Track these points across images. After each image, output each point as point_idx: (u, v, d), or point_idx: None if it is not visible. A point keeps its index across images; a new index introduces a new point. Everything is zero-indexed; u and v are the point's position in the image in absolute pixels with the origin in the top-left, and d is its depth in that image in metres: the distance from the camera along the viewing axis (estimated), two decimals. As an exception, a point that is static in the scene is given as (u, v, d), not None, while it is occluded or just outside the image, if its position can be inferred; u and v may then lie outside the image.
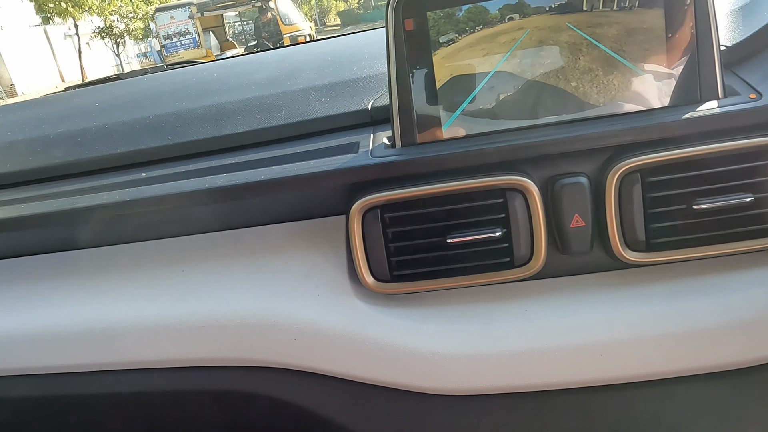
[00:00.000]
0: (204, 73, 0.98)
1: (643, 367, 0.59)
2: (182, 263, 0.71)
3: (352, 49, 0.96)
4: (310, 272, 0.67)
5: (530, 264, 0.62)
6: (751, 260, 0.61)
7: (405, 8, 0.60)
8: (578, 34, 0.59)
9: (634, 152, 0.58)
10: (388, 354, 0.62)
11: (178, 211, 0.70)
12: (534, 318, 0.61)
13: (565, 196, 0.60)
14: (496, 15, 0.60)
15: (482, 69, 0.61)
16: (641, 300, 0.60)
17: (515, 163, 0.61)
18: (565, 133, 0.59)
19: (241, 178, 0.64)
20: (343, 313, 0.63)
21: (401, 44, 0.60)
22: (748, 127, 0.57)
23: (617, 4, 0.58)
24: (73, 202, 0.68)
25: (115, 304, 0.69)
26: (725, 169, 0.58)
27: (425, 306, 0.64)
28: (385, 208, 0.62)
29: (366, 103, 0.73)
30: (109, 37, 17.41)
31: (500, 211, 0.61)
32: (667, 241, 0.60)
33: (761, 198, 0.58)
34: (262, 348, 0.65)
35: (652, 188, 0.59)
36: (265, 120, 0.75)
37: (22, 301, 0.72)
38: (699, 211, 0.58)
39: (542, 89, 0.61)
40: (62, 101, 1.00)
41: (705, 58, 0.58)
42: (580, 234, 0.61)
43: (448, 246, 0.61)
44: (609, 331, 0.59)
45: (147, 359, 0.67)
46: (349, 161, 0.63)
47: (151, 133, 0.78)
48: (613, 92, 0.60)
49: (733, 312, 0.58)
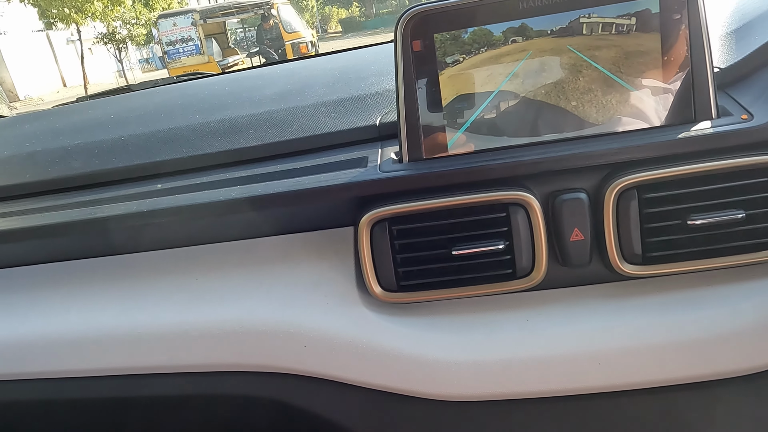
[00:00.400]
0: (216, 87, 1.01)
1: (639, 375, 0.61)
2: (196, 272, 0.73)
3: (360, 65, 0.98)
4: (320, 282, 0.69)
5: (532, 275, 0.64)
6: (743, 274, 0.63)
7: (413, 31, 0.62)
8: (578, 56, 0.62)
9: (631, 169, 0.61)
10: (395, 361, 0.64)
11: (193, 222, 0.72)
12: (535, 327, 0.63)
13: (566, 211, 0.63)
14: (500, 37, 0.62)
15: (486, 88, 0.64)
16: (637, 311, 0.62)
17: (518, 178, 0.63)
18: (565, 150, 0.61)
19: (254, 190, 0.67)
20: (351, 321, 0.66)
21: (409, 64, 0.63)
22: (740, 146, 0.59)
23: (615, 28, 0.61)
24: (93, 212, 0.70)
25: (131, 310, 0.71)
26: (718, 186, 0.60)
27: (431, 315, 0.67)
28: (392, 221, 0.64)
29: (374, 118, 0.76)
30: (111, 42, 17.47)
31: (503, 225, 0.63)
32: (662, 255, 0.63)
33: (752, 214, 0.60)
34: (274, 354, 0.67)
35: (649, 204, 0.62)
36: (277, 134, 0.77)
37: (40, 306, 0.74)
38: (693, 226, 0.60)
39: (544, 108, 0.63)
40: (77, 113, 1.02)
41: (699, 79, 0.61)
42: (579, 247, 0.64)
43: (453, 257, 0.63)
44: (607, 341, 0.61)
45: (162, 364, 0.70)
46: (358, 175, 0.65)
47: (166, 146, 0.80)
48: (612, 111, 0.62)
49: (725, 323, 0.60)
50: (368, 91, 0.83)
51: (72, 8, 15.04)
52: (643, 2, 0.60)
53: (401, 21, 0.62)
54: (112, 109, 1.00)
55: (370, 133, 0.75)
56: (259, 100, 0.88)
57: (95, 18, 15.82)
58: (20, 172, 0.84)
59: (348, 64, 1.02)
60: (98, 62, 21.84)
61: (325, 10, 39.96)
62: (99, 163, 0.81)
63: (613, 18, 0.60)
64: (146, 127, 0.86)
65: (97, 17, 15.79)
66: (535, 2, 0.60)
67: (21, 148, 0.90)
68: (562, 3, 0.60)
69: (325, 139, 0.76)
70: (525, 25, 0.61)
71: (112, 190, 0.76)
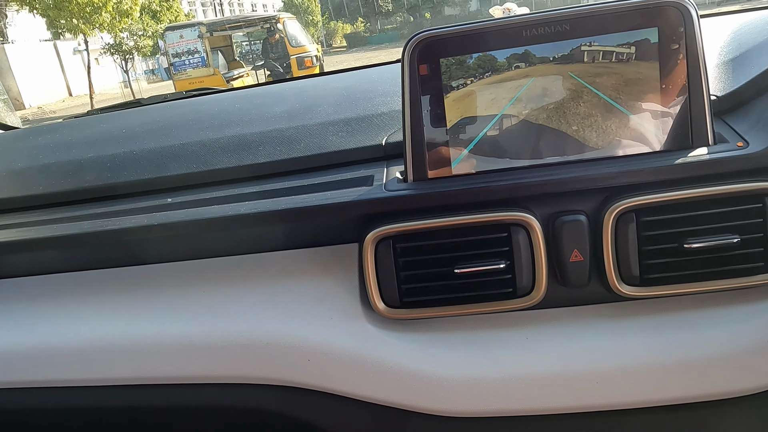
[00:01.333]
0: (226, 104, 1.03)
1: (636, 394, 0.62)
2: (203, 284, 0.75)
3: (367, 85, 1.00)
4: (324, 297, 0.70)
5: (531, 295, 0.65)
6: (738, 297, 0.65)
7: (420, 55, 0.64)
8: (579, 83, 0.64)
9: (630, 193, 0.62)
10: (396, 376, 0.65)
11: (202, 235, 0.74)
12: (534, 346, 0.65)
13: (565, 233, 0.64)
14: (503, 63, 0.64)
15: (490, 111, 0.65)
16: (635, 331, 0.64)
17: (519, 199, 0.65)
18: (565, 173, 0.63)
19: (262, 206, 0.69)
20: (354, 336, 0.67)
21: (416, 87, 0.65)
22: (735, 172, 0.61)
23: (615, 56, 0.63)
24: (104, 224, 0.72)
25: (138, 321, 0.72)
26: (714, 211, 0.62)
27: (432, 331, 0.68)
28: (397, 239, 0.66)
29: (380, 138, 0.78)
30: (118, 53, 17.63)
31: (504, 245, 0.65)
32: (659, 277, 0.64)
33: (747, 239, 0.62)
34: (278, 367, 0.68)
35: (646, 227, 0.63)
36: (285, 152, 0.79)
37: (48, 316, 0.76)
38: (690, 249, 0.62)
39: (545, 132, 0.65)
40: (89, 126, 1.05)
41: (696, 107, 0.62)
42: (578, 268, 0.65)
43: (455, 275, 0.64)
44: (604, 360, 0.62)
45: (167, 375, 0.71)
46: (364, 194, 0.67)
47: (177, 160, 0.82)
48: (611, 136, 0.64)
49: (721, 345, 0.61)
50: (375, 111, 0.85)
51: (80, 19, 15.20)
52: (643, 32, 0.62)
53: (409, 45, 0.64)
54: (123, 123, 1.03)
55: (376, 152, 0.77)
56: (268, 117, 0.90)
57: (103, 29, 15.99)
58: (33, 183, 0.86)
59: (355, 84, 1.05)
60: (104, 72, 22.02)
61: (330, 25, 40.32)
62: (111, 176, 0.83)
63: (613, 47, 0.62)
64: (157, 142, 0.88)
65: (104, 28, 15.95)
66: (538, 30, 0.63)
67: (34, 160, 0.92)
68: (564, 32, 0.62)
69: (332, 157, 0.77)
70: (528, 51, 0.64)
71: (123, 203, 0.78)
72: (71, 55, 21.69)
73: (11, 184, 0.88)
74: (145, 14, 18.34)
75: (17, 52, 18.67)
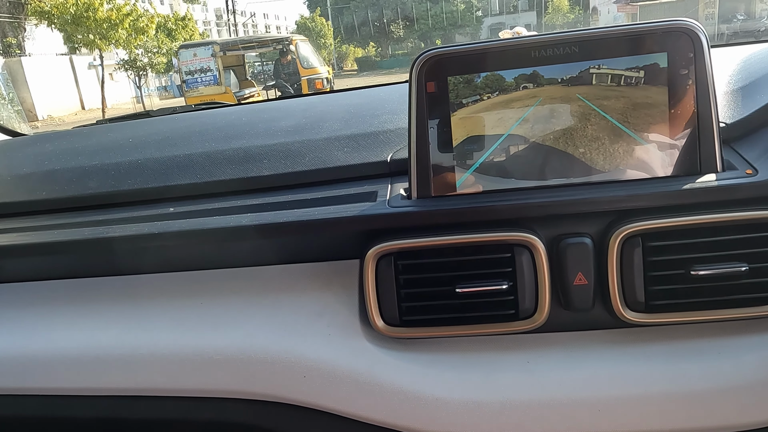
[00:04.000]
0: (233, 117, 1.04)
1: (639, 424, 0.61)
2: (202, 296, 0.74)
3: (374, 102, 1.01)
4: (323, 312, 0.69)
5: (534, 317, 0.64)
6: (746, 327, 0.63)
7: (428, 72, 0.64)
8: (587, 105, 0.63)
9: (636, 217, 0.61)
10: (394, 396, 0.63)
11: (202, 246, 0.73)
12: (535, 370, 0.63)
13: (570, 255, 0.63)
14: (511, 83, 0.64)
15: (497, 131, 0.65)
16: (639, 359, 0.62)
17: (524, 220, 0.64)
18: (571, 195, 0.62)
19: (264, 218, 0.68)
20: (352, 354, 0.66)
21: (423, 104, 0.65)
22: (744, 200, 0.60)
23: (624, 80, 0.62)
24: (104, 231, 0.72)
25: (133, 331, 0.71)
26: (722, 238, 0.61)
27: (431, 351, 0.67)
28: (399, 256, 0.65)
29: (385, 155, 0.78)
30: (132, 69, 17.93)
31: (507, 265, 0.64)
32: (665, 304, 0.63)
33: (755, 268, 0.61)
34: (273, 383, 0.67)
35: (653, 252, 0.62)
36: (290, 165, 0.79)
37: (44, 322, 0.75)
38: (696, 276, 0.60)
39: (552, 153, 0.64)
40: (97, 134, 1.05)
41: (705, 133, 0.62)
42: (582, 291, 0.64)
43: (456, 295, 0.63)
44: (607, 388, 0.61)
45: (161, 387, 0.70)
46: (367, 209, 0.66)
47: (181, 171, 0.82)
48: (618, 160, 0.64)
49: (728, 376, 0.59)
50: (381, 128, 0.85)
51: (97, 35, 15.53)
52: (652, 57, 0.62)
53: (417, 62, 0.64)
54: (130, 132, 1.03)
55: (381, 168, 0.76)
56: (274, 131, 0.90)
57: (119, 45, 16.31)
58: (38, 189, 0.86)
59: (363, 101, 1.05)
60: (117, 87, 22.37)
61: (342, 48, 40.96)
62: (114, 184, 0.83)
63: (622, 70, 0.62)
64: (162, 152, 0.88)
65: (120, 44, 16.28)
66: (546, 52, 0.63)
67: (40, 166, 0.92)
68: (573, 54, 0.62)
69: (337, 172, 0.77)
70: (536, 72, 0.63)
71: (125, 211, 0.78)
72: (86, 69, 22.09)
73: (16, 188, 0.88)
74: (160, 32, 18.70)
75: (33, 64, 19.01)
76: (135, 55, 17.48)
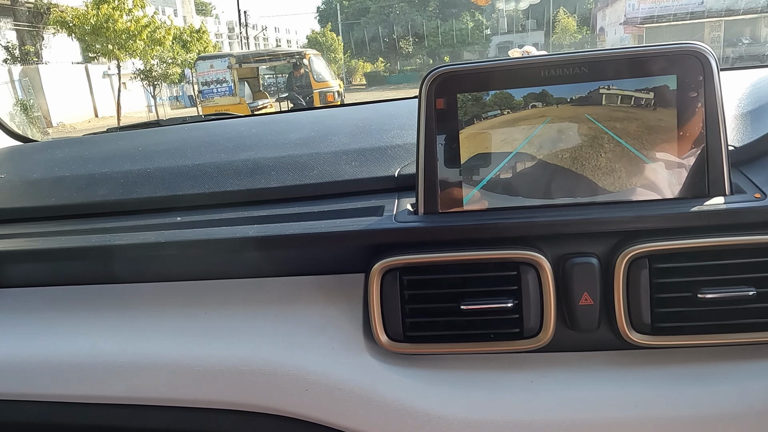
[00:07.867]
0: (242, 128, 1.05)
1: None
2: (205, 306, 0.74)
3: (383, 118, 1.01)
4: (327, 326, 0.69)
5: (539, 336, 0.64)
6: (752, 352, 0.62)
7: (437, 89, 0.65)
8: (596, 125, 0.63)
9: (643, 239, 0.61)
10: (396, 413, 0.63)
11: (208, 256, 0.74)
12: (539, 390, 0.62)
13: (576, 275, 0.63)
14: (520, 101, 0.64)
15: (504, 149, 0.65)
16: (644, 382, 0.61)
17: (530, 239, 0.64)
18: (579, 215, 0.62)
19: (271, 230, 0.68)
20: (355, 369, 0.65)
21: (431, 120, 0.65)
22: (752, 224, 0.60)
23: (634, 101, 0.62)
24: (111, 239, 0.72)
25: (136, 339, 0.72)
26: (729, 262, 0.60)
27: (435, 368, 0.66)
28: (404, 271, 0.65)
29: (393, 170, 0.78)
30: (147, 79, 18.17)
31: (513, 284, 0.64)
32: (671, 326, 0.62)
33: (763, 292, 0.60)
34: (275, 396, 0.66)
35: (659, 274, 0.62)
36: (298, 178, 0.79)
37: (47, 328, 0.75)
38: (703, 299, 0.60)
39: (559, 172, 0.64)
40: (107, 142, 1.06)
41: (714, 155, 0.62)
42: (588, 312, 0.63)
43: (461, 312, 0.63)
44: (611, 409, 0.60)
45: (161, 396, 0.69)
46: (373, 223, 0.66)
47: (189, 181, 0.83)
48: (626, 181, 0.63)
49: (733, 402, 0.58)
50: (389, 143, 0.85)
51: (116, 45, 15.80)
52: (662, 79, 0.62)
53: (427, 79, 0.65)
54: (140, 141, 1.04)
55: (388, 183, 0.77)
56: (283, 143, 0.91)
57: (135, 55, 16.56)
58: (46, 195, 0.86)
59: (372, 116, 1.06)
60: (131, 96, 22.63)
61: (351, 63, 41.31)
62: (123, 192, 0.83)
63: (631, 91, 0.62)
64: (172, 161, 0.89)
65: (137, 55, 16.53)
66: (556, 71, 0.63)
67: (49, 172, 0.93)
68: (582, 74, 0.62)
69: (344, 186, 0.78)
70: (545, 91, 0.64)
71: (132, 219, 0.78)
72: (101, 78, 22.38)
73: (24, 194, 0.89)
74: (176, 43, 18.96)
75: (50, 72, 19.29)
76: (151, 65, 17.73)
